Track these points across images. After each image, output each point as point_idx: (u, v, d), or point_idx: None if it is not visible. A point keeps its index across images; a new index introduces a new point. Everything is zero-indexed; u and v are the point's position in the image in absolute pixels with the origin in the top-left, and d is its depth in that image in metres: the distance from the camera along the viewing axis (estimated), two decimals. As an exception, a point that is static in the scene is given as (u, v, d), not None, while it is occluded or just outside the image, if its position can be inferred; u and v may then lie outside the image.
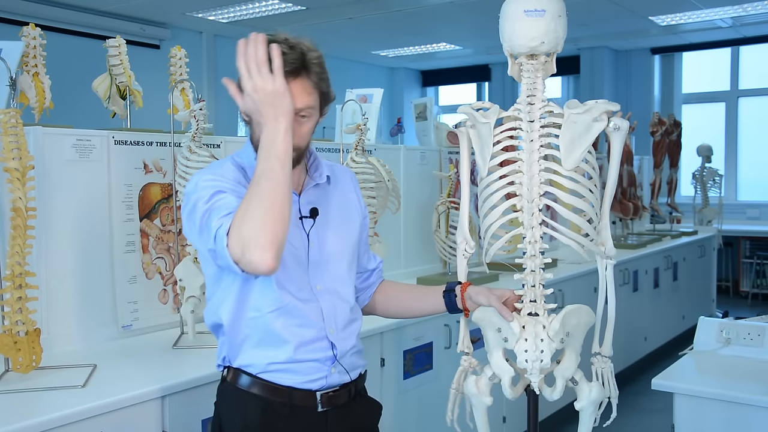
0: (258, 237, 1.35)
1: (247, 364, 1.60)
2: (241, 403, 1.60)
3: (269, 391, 1.58)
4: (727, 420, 2.20)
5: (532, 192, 1.72)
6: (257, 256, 1.35)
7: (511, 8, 1.75)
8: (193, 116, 2.41)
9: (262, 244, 1.35)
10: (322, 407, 1.61)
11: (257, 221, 1.36)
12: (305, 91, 1.53)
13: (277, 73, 1.41)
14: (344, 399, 1.65)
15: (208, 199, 1.47)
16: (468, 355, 1.91)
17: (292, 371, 1.59)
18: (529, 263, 1.73)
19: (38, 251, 2.21)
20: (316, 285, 1.63)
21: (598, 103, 1.72)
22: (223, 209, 1.44)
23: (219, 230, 1.40)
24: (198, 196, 1.50)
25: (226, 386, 1.64)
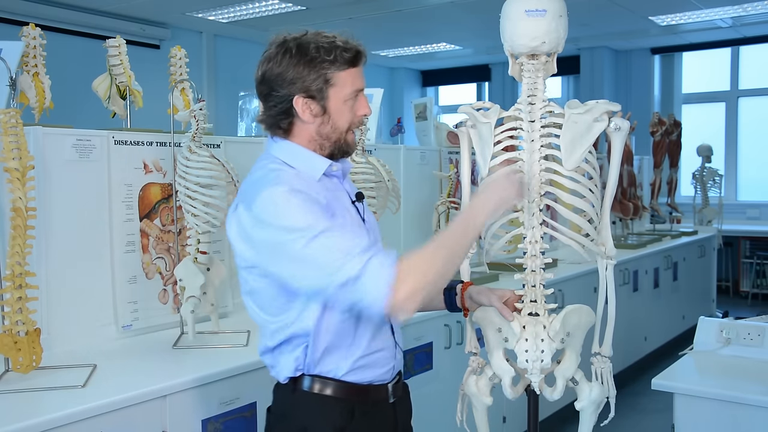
0: (425, 290, 1.43)
1: (330, 369, 1.57)
2: (329, 409, 1.57)
3: (352, 392, 1.58)
4: (727, 420, 2.20)
5: (533, 192, 1.73)
6: (412, 307, 1.42)
7: (512, 8, 1.75)
8: (193, 116, 2.41)
9: (420, 297, 1.42)
10: (393, 398, 1.66)
11: (436, 273, 1.45)
12: (363, 74, 1.61)
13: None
14: (401, 388, 1.71)
15: (312, 238, 1.42)
16: (476, 356, 1.91)
17: (370, 366, 1.60)
18: (529, 263, 1.73)
19: (38, 251, 2.21)
20: None
21: (599, 103, 1.72)
22: (348, 249, 1.41)
23: (369, 271, 1.39)
24: (287, 224, 1.44)
25: (302, 394, 1.58)
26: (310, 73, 1.53)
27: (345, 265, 1.40)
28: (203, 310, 2.48)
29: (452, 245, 1.51)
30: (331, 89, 1.55)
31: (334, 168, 1.61)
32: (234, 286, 2.90)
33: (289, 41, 1.55)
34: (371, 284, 1.39)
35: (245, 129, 3.56)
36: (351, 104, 1.59)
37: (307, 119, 1.56)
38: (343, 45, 1.54)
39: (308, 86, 1.53)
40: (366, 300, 1.41)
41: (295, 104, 1.55)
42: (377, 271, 1.39)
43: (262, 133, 3.13)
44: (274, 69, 1.55)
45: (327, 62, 1.53)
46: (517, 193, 1.63)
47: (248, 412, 2.18)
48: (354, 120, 1.61)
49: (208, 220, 2.37)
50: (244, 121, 3.58)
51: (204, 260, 2.45)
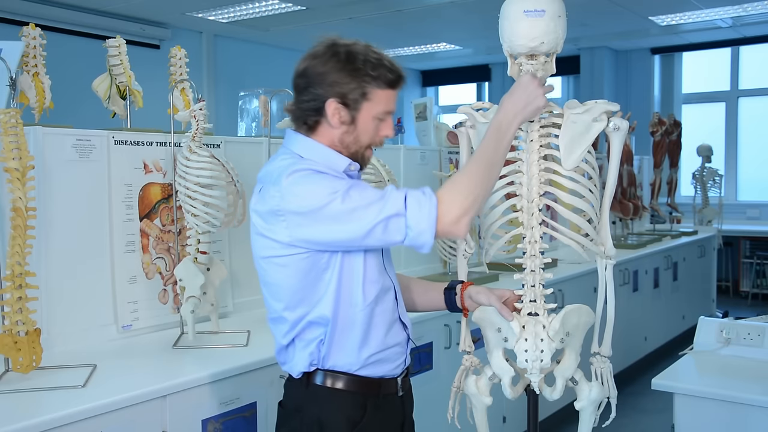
0: (474, 207, 1.50)
1: (344, 364, 1.60)
2: (343, 403, 1.61)
3: (364, 385, 1.62)
4: (727, 420, 2.20)
5: (532, 192, 1.73)
6: (464, 229, 1.49)
7: (510, 8, 1.75)
8: (193, 116, 2.41)
9: (474, 209, 1.50)
10: (401, 392, 1.70)
11: (482, 189, 1.51)
12: (396, 98, 1.68)
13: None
14: (409, 383, 1.75)
15: (344, 194, 1.47)
16: (469, 354, 1.91)
17: (383, 361, 1.63)
18: (528, 263, 1.74)
19: (38, 251, 2.21)
20: (386, 266, 1.68)
21: (598, 103, 1.72)
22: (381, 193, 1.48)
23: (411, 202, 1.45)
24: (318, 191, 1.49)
25: (315, 389, 1.62)
26: (350, 82, 1.56)
27: (387, 201, 1.46)
28: (203, 310, 2.48)
29: (489, 156, 1.56)
30: (365, 103, 1.59)
31: (353, 167, 1.64)
32: (234, 286, 2.90)
33: (340, 45, 1.58)
34: (417, 217, 1.45)
35: (245, 129, 3.56)
36: (378, 123, 1.62)
37: (335, 124, 1.59)
38: (389, 65, 1.60)
39: (345, 93, 1.57)
40: (413, 234, 1.46)
41: (327, 106, 1.58)
42: (420, 200, 1.46)
43: (262, 133, 3.14)
44: (317, 67, 1.58)
45: (370, 77, 1.57)
46: (544, 93, 1.65)
47: (248, 412, 2.18)
48: (376, 138, 1.64)
49: (208, 220, 2.37)
50: (244, 121, 3.58)
51: (204, 260, 2.45)
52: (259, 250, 1.61)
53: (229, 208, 2.45)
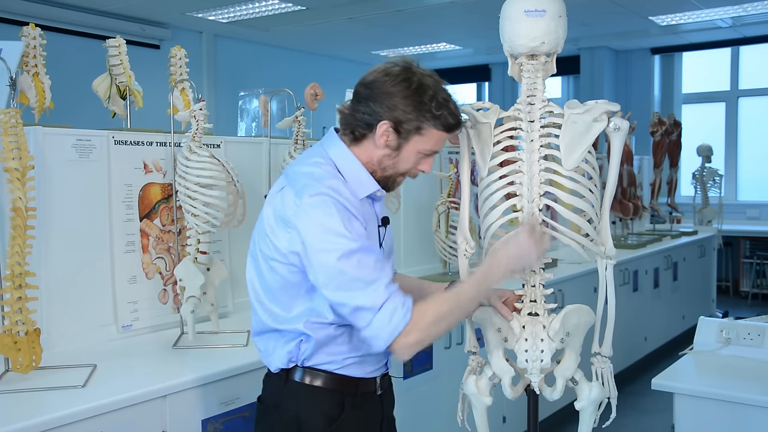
0: (426, 343, 1.53)
1: (324, 362, 1.63)
2: (320, 400, 1.63)
3: (342, 384, 1.64)
4: (727, 420, 2.20)
5: (533, 192, 1.73)
6: (409, 356, 1.51)
7: (511, 8, 1.75)
8: (193, 116, 2.41)
9: (426, 345, 1.53)
10: (380, 390, 1.72)
11: (442, 330, 1.55)
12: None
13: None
14: (388, 380, 1.78)
15: (345, 254, 1.48)
16: (475, 355, 1.91)
17: (363, 362, 1.66)
18: (529, 263, 1.73)
19: (38, 251, 2.21)
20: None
21: (598, 103, 1.72)
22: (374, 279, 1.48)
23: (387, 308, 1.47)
24: (329, 232, 1.50)
25: (294, 385, 1.64)
26: (411, 112, 1.57)
27: (369, 292, 1.47)
28: (203, 310, 2.48)
29: (466, 301, 1.59)
30: (416, 136, 1.59)
31: (378, 193, 1.66)
32: (234, 286, 2.90)
33: (416, 73, 1.59)
34: (383, 322, 1.47)
35: (245, 129, 3.56)
36: (420, 157, 1.64)
37: (380, 145, 1.61)
38: (453, 109, 1.61)
39: (402, 121, 1.57)
40: (372, 333, 1.48)
41: (380, 126, 1.58)
42: (394, 312, 1.47)
43: (262, 133, 3.14)
44: (386, 86, 1.58)
45: (431, 114, 1.58)
46: (540, 254, 1.67)
47: (248, 412, 2.18)
48: (413, 171, 1.67)
49: (208, 220, 2.37)
50: (244, 121, 3.58)
51: (204, 260, 2.45)
52: (259, 241, 1.64)
53: (229, 208, 2.44)
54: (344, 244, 1.48)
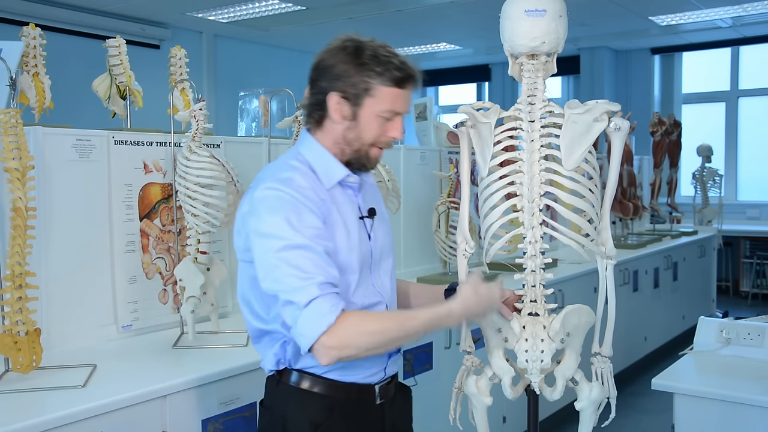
0: (350, 355, 1.46)
1: (311, 365, 1.59)
2: (308, 404, 1.59)
3: (334, 389, 1.59)
4: (727, 420, 2.20)
5: (533, 192, 1.73)
6: (331, 358, 1.44)
7: (511, 8, 1.75)
8: (193, 116, 2.41)
9: (352, 357, 1.47)
10: (379, 400, 1.65)
11: (372, 345, 1.47)
12: (409, 99, 1.63)
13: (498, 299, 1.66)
14: (393, 390, 1.70)
15: (286, 247, 1.45)
16: (470, 354, 1.91)
17: (357, 366, 1.60)
18: (529, 263, 1.73)
19: (38, 251, 2.21)
20: (377, 282, 1.66)
21: (599, 103, 1.72)
22: (310, 275, 1.43)
23: (315, 306, 1.42)
24: (272, 224, 1.48)
25: (285, 388, 1.61)
26: (353, 76, 1.54)
27: (299, 288, 1.43)
28: (203, 310, 2.48)
29: (407, 334, 1.52)
30: (368, 99, 1.55)
31: (351, 179, 1.62)
32: (234, 286, 2.89)
33: (352, 41, 1.56)
34: (309, 320, 1.42)
35: (245, 129, 3.55)
36: (382, 122, 1.58)
37: (336, 119, 1.57)
38: (398, 64, 1.56)
39: (346, 88, 1.54)
40: (297, 330, 1.44)
41: (329, 100, 1.56)
42: (320, 311, 1.42)
43: (262, 133, 3.14)
44: (327, 60, 1.56)
45: (374, 72, 1.54)
46: (489, 308, 1.63)
47: (248, 412, 2.18)
48: (381, 138, 1.60)
49: (208, 220, 2.37)
50: (244, 121, 3.58)
51: (204, 260, 2.45)
52: (237, 240, 1.64)
53: (229, 208, 2.44)
54: (286, 237, 1.45)
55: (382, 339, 1.48)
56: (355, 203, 1.65)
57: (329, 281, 1.45)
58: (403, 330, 1.51)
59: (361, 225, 1.64)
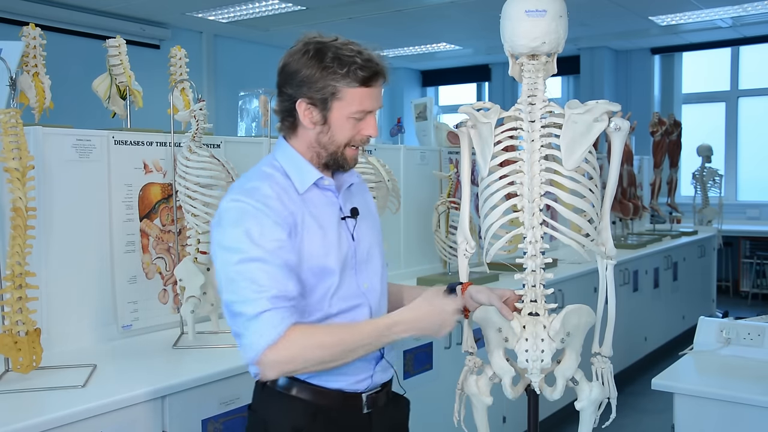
0: (296, 370, 1.47)
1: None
2: (290, 408, 1.57)
3: (318, 395, 1.57)
4: (727, 420, 2.20)
5: (533, 192, 1.72)
6: (274, 376, 1.47)
7: (512, 8, 1.75)
8: (193, 116, 2.41)
9: (299, 371, 1.48)
10: (367, 409, 1.61)
11: (319, 359, 1.46)
12: (379, 96, 1.60)
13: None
14: (383, 400, 1.66)
15: (244, 260, 1.45)
16: (472, 355, 1.91)
17: (341, 372, 1.57)
18: (529, 263, 1.73)
19: (38, 251, 2.21)
20: (363, 283, 1.63)
21: (599, 103, 1.72)
22: (264, 288, 1.43)
23: (264, 319, 1.42)
24: (233, 237, 1.47)
25: (269, 391, 1.60)
26: (318, 81, 1.50)
27: (251, 300, 1.43)
28: (203, 310, 2.48)
29: (355, 346, 1.49)
30: (336, 102, 1.52)
31: (326, 182, 1.60)
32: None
33: (313, 42, 1.52)
34: (256, 333, 1.43)
35: (245, 129, 3.55)
36: (354, 122, 1.56)
37: (307, 125, 1.55)
38: (362, 62, 1.51)
39: (313, 94, 1.52)
40: (244, 342, 1.45)
41: (298, 107, 1.54)
42: (268, 324, 1.42)
43: (262, 133, 3.14)
44: (291, 65, 1.54)
45: (339, 75, 1.50)
46: (449, 325, 1.56)
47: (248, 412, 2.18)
48: (356, 138, 1.58)
49: (208, 220, 2.37)
50: (244, 121, 3.58)
51: (204, 260, 2.45)
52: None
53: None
54: (245, 250, 1.44)
55: (335, 352, 1.46)
56: (336, 204, 1.62)
57: (283, 295, 1.44)
58: (354, 343, 1.48)
59: (342, 226, 1.61)
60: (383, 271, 1.73)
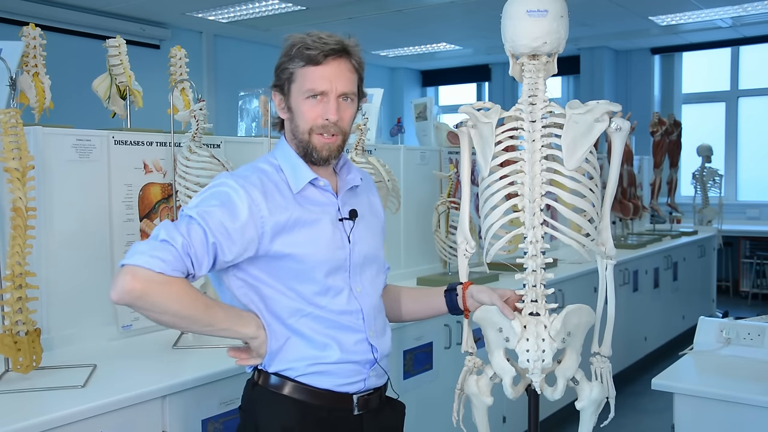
0: (147, 306, 1.42)
1: (286, 368, 1.57)
2: (280, 408, 1.57)
3: (308, 394, 1.56)
4: (727, 420, 2.20)
5: (534, 192, 1.72)
6: (119, 293, 1.40)
7: (513, 8, 1.75)
8: (193, 116, 2.41)
9: (141, 311, 1.44)
10: (358, 411, 1.61)
11: (161, 309, 1.43)
12: (349, 71, 1.60)
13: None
14: (376, 403, 1.66)
15: (195, 207, 1.48)
16: (472, 355, 1.91)
17: (332, 373, 1.57)
18: (530, 263, 1.73)
19: (38, 251, 2.21)
20: (356, 287, 1.62)
21: (600, 103, 1.72)
22: (179, 236, 1.43)
23: (165, 247, 1.42)
24: (204, 198, 1.51)
25: (260, 390, 1.60)
26: (278, 67, 1.60)
27: (172, 235, 1.43)
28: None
29: (204, 318, 1.48)
30: (292, 85, 1.58)
31: (321, 183, 1.60)
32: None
33: (288, 38, 1.61)
34: (153, 249, 1.42)
35: (245, 129, 3.55)
36: (312, 104, 1.57)
37: (280, 114, 1.63)
38: (311, 42, 1.55)
39: (277, 82, 1.61)
40: (135, 247, 1.45)
41: (273, 98, 1.63)
42: (165, 254, 1.41)
43: (262, 133, 3.14)
44: (277, 62, 1.63)
45: (293, 57, 1.57)
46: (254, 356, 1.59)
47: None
48: (316, 122, 1.57)
49: (208, 220, 2.37)
50: (244, 121, 3.58)
51: (204, 260, 2.45)
52: None
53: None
54: (199, 210, 1.47)
55: (178, 310, 1.44)
56: (334, 205, 1.63)
57: (194, 259, 1.44)
58: (201, 315, 1.47)
59: (339, 227, 1.61)
60: (381, 276, 1.72)
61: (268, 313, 1.57)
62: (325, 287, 1.56)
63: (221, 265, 1.50)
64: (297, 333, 1.56)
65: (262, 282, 1.56)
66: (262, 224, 1.51)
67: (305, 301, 1.55)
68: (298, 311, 1.55)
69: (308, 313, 1.56)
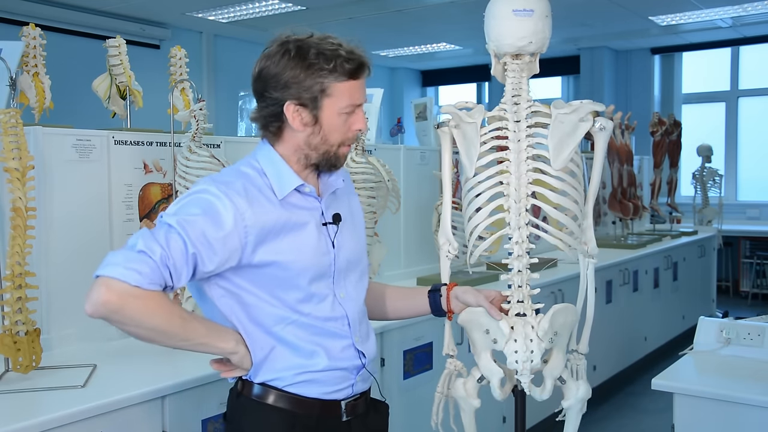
0: (125, 329, 1.41)
1: (273, 378, 1.52)
2: (267, 419, 1.52)
3: (295, 404, 1.52)
4: (727, 420, 2.20)
5: (520, 192, 1.72)
6: (94, 305, 1.40)
7: (498, 7, 1.74)
8: (193, 116, 2.41)
9: (117, 325, 1.41)
10: (346, 417, 1.57)
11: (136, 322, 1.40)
12: (364, 87, 1.55)
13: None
14: (363, 407, 1.63)
15: (174, 215, 1.42)
16: (453, 358, 1.90)
17: (320, 382, 1.53)
18: (515, 263, 1.72)
19: (38, 251, 2.22)
20: (339, 293, 1.58)
21: (584, 103, 1.72)
22: (157, 246, 1.38)
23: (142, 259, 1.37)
24: (184, 205, 1.44)
25: (245, 401, 1.55)
26: (305, 80, 1.46)
27: (150, 245, 1.38)
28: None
29: (181, 333, 1.45)
30: (326, 99, 1.48)
31: (307, 189, 1.54)
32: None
33: (291, 42, 1.48)
34: (129, 261, 1.39)
35: (245, 129, 3.56)
36: (345, 118, 1.52)
37: (297, 127, 1.50)
38: (347, 54, 1.47)
39: (301, 94, 1.47)
40: (108, 259, 1.44)
41: (286, 110, 1.49)
42: (142, 265, 1.37)
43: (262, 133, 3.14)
44: (271, 68, 1.48)
45: (326, 71, 1.46)
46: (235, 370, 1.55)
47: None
48: (348, 135, 1.54)
49: (208, 220, 2.37)
50: (244, 121, 3.59)
51: (204, 260, 2.45)
52: None
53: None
54: (179, 212, 1.41)
55: (155, 324, 1.40)
56: (317, 209, 1.57)
57: (173, 270, 1.38)
58: (179, 331, 1.44)
59: (323, 232, 1.56)
60: (363, 280, 1.68)
61: (251, 323, 1.51)
62: (308, 294, 1.52)
63: (201, 275, 1.45)
64: (282, 341, 1.51)
65: (245, 290, 1.50)
66: (245, 233, 1.44)
67: (289, 308, 1.51)
68: (284, 319, 1.51)
69: (293, 321, 1.51)
